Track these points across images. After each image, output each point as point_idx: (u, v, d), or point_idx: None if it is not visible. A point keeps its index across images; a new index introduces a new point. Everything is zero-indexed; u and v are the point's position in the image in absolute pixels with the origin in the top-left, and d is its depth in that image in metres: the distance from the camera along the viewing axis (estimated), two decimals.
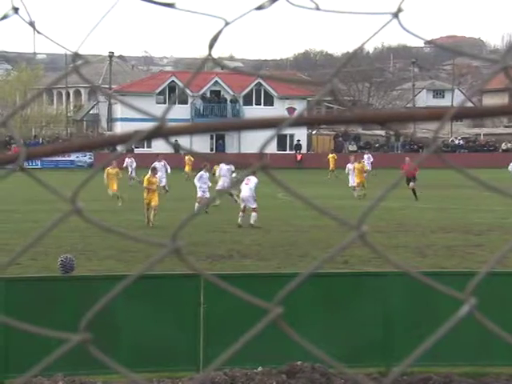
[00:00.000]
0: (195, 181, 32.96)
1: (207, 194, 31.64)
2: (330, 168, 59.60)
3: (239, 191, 30.54)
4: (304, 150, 79.93)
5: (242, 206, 29.42)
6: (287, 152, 77.34)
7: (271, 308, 1.23)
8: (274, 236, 26.55)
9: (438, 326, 1.27)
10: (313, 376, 12.32)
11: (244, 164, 1.32)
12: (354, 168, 43.37)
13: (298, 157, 76.52)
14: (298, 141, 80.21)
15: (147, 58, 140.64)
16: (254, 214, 28.68)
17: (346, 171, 44.23)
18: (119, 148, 1.38)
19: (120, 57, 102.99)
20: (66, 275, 14.39)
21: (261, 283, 12.43)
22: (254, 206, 28.88)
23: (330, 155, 62.08)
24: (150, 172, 30.38)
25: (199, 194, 32.04)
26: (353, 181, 42.92)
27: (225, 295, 11.66)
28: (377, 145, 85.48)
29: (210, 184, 32.60)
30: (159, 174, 35.33)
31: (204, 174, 32.67)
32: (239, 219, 28.72)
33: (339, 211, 22.77)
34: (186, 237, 21.13)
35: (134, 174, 48.69)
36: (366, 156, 56.76)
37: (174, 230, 1.27)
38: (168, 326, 12.93)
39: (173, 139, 1.35)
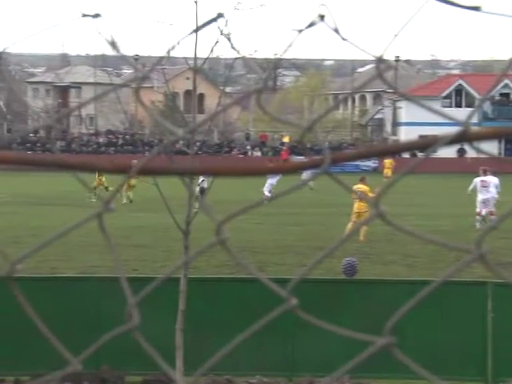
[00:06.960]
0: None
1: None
2: None
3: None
4: None
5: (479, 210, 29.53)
6: None
7: None
8: None
9: None
10: None
11: None
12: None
13: None
14: None
15: (433, 61, 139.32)
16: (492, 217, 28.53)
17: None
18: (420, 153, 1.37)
19: (406, 61, 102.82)
20: (349, 278, 14.59)
21: None
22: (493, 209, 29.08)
23: None
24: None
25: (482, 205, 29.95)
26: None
27: None
28: None
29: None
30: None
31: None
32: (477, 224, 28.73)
33: None
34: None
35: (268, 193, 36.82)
36: None
37: (479, 236, 1.25)
38: (455, 333, 12.70)
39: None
